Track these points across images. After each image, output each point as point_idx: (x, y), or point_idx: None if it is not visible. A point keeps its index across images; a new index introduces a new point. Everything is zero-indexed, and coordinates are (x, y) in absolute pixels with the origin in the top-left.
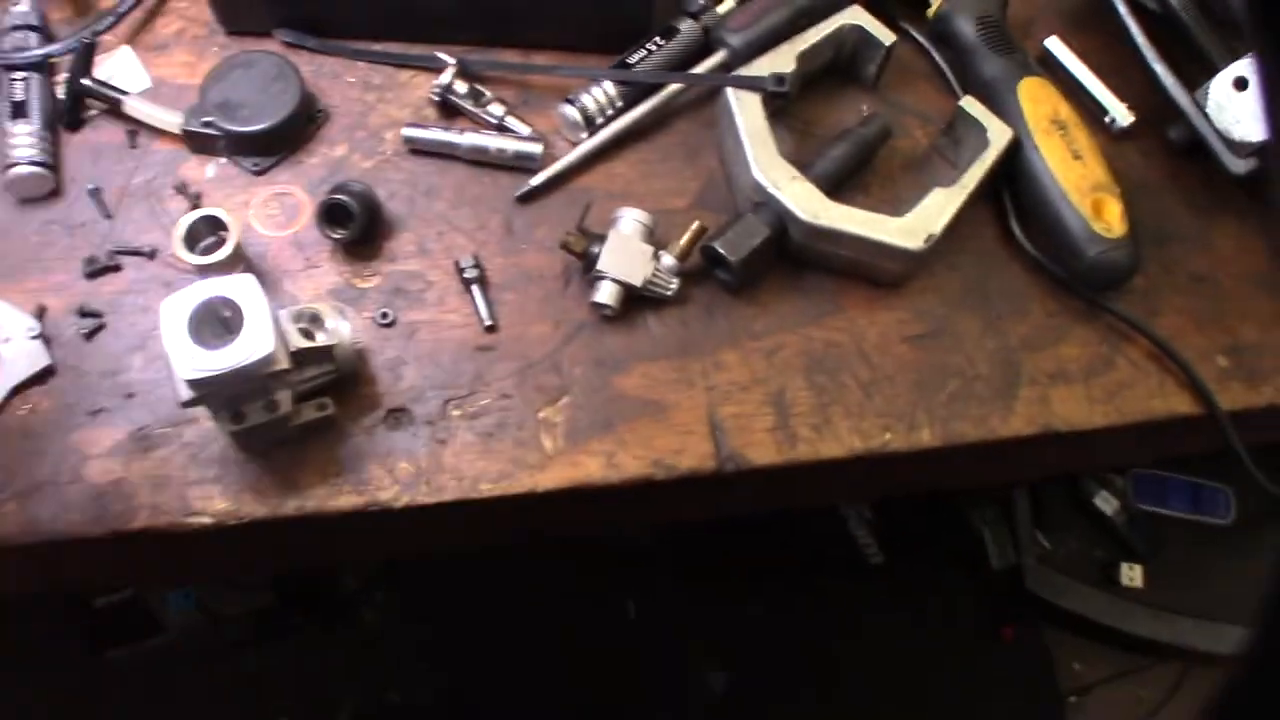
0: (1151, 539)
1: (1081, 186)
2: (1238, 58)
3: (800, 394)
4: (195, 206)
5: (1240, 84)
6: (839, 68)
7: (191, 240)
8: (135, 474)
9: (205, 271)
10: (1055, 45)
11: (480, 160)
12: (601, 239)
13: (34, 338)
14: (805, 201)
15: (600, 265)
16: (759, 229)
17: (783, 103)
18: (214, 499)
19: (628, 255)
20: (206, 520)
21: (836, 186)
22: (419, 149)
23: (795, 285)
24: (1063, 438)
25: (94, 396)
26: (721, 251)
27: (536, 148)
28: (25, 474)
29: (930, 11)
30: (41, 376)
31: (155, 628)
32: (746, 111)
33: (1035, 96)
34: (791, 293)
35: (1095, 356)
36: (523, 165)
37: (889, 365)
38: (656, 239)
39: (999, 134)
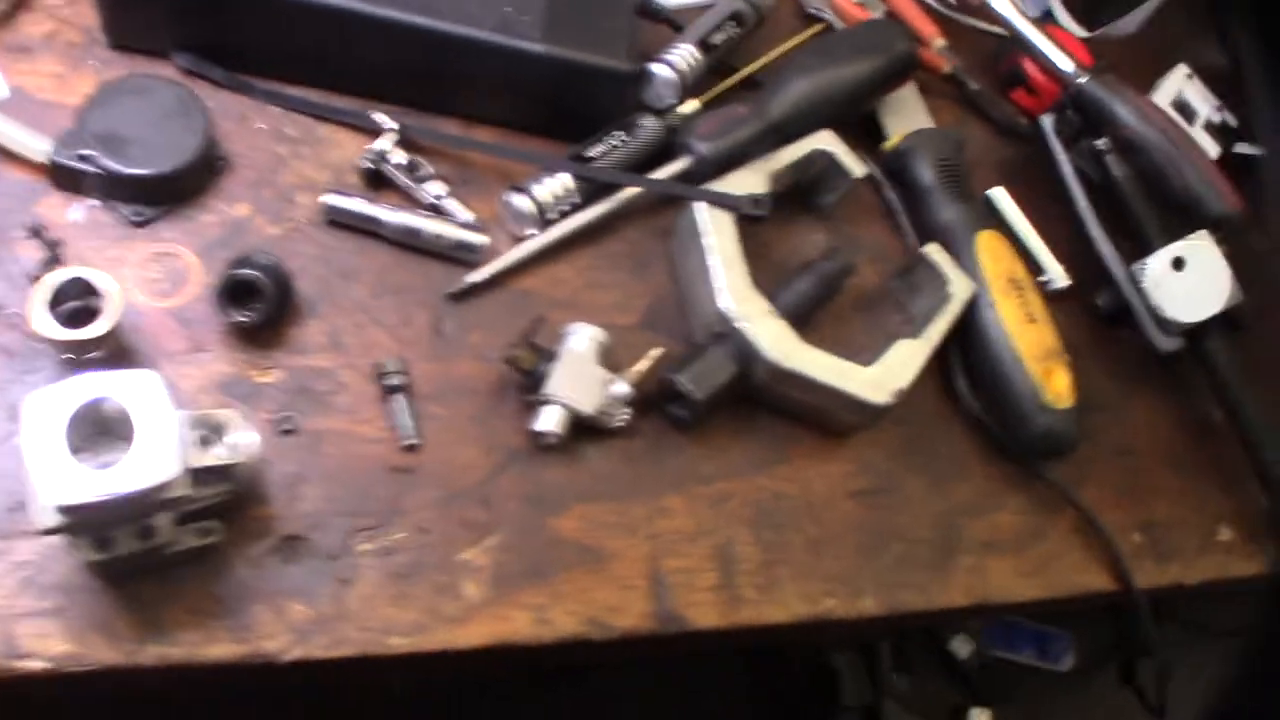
0: (1000, 684)
1: (1035, 352)
2: (1176, 239)
3: (747, 549)
4: (53, 256)
5: (1178, 264)
6: (796, 192)
7: (52, 304)
8: None
9: (68, 347)
10: (999, 196)
11: (408, 244)
12: (552, 356)
13: None
14: (776, 340)
15: (548, 388)
16: (725, 366)
17: (751, 226)
18: (51, 638)
19: (580, 378)
20: (39, 666)
21: (800, 324)
22: (338, 221)
23: (747, 427)
24: (992, 608)
25: None
26: (687, 388)
27: (481, 239)
28: None
29: (888, 144)
30: None
31: None
32: (720, 232)
33: (994, 252)
34: (743, 435)
35: (1028, 526)
36: (459, 256)
37: (835, 523)
38: (610, 361)
39: (962, 288)
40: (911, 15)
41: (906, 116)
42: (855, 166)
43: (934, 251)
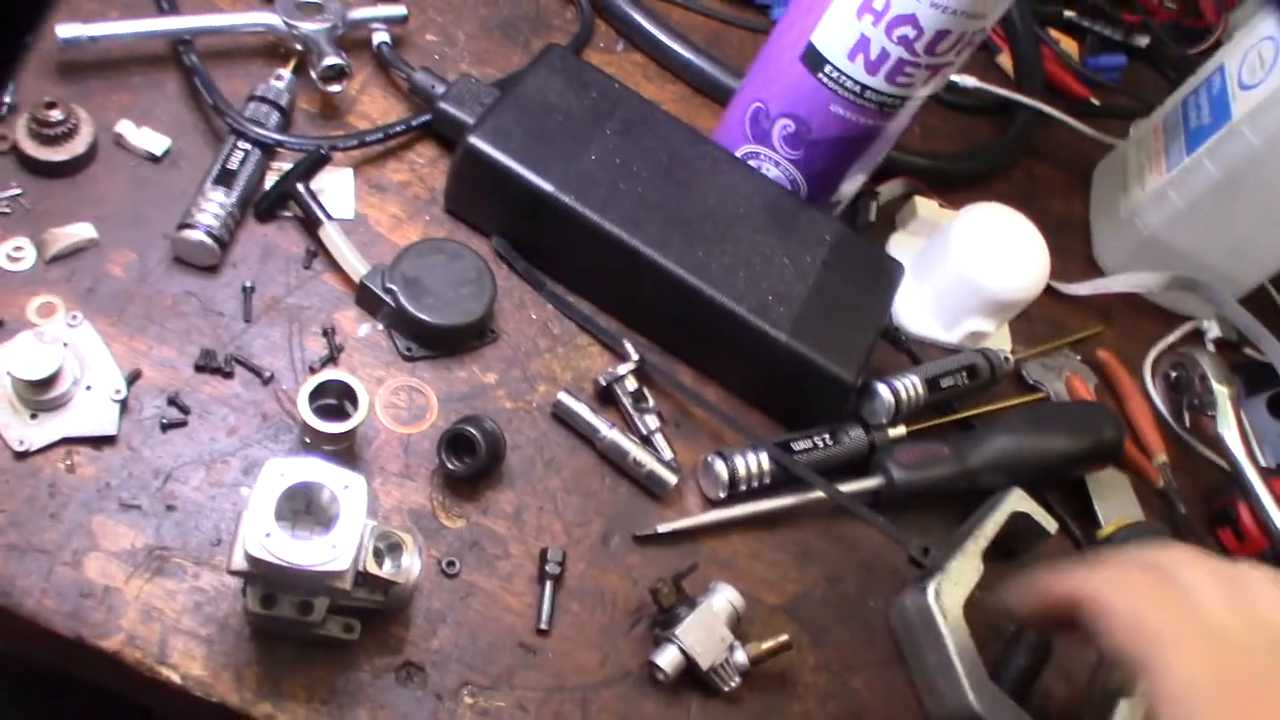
0: None
1: None
2: None
3: None
4: (333, 356)
5: None
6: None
7: (313, 394)
8: (132, 592)
9: (313, 434)
10: None
11: (610, 459)
12: (691, 603)
13: (115, 400)
14: None
15: (678, 630)
16: None
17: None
18: (194, 661)
19: (707, 632)
20: (175, 678)
21: (1023, 701)
22: (562, 417)
23: None
24: None
25: (136, 490)
26: None
27: (672, 478)
28: (28, 529)
29: (1102, 532)
30: (99, 441)
31: None
32: (954, 626)
33: None
34: None
35: None
36: (649, 485)
37: None
38: (739, 628)
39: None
40: (1143, 423)
41: (1119, 504)
42: (1049, 523)
43: None
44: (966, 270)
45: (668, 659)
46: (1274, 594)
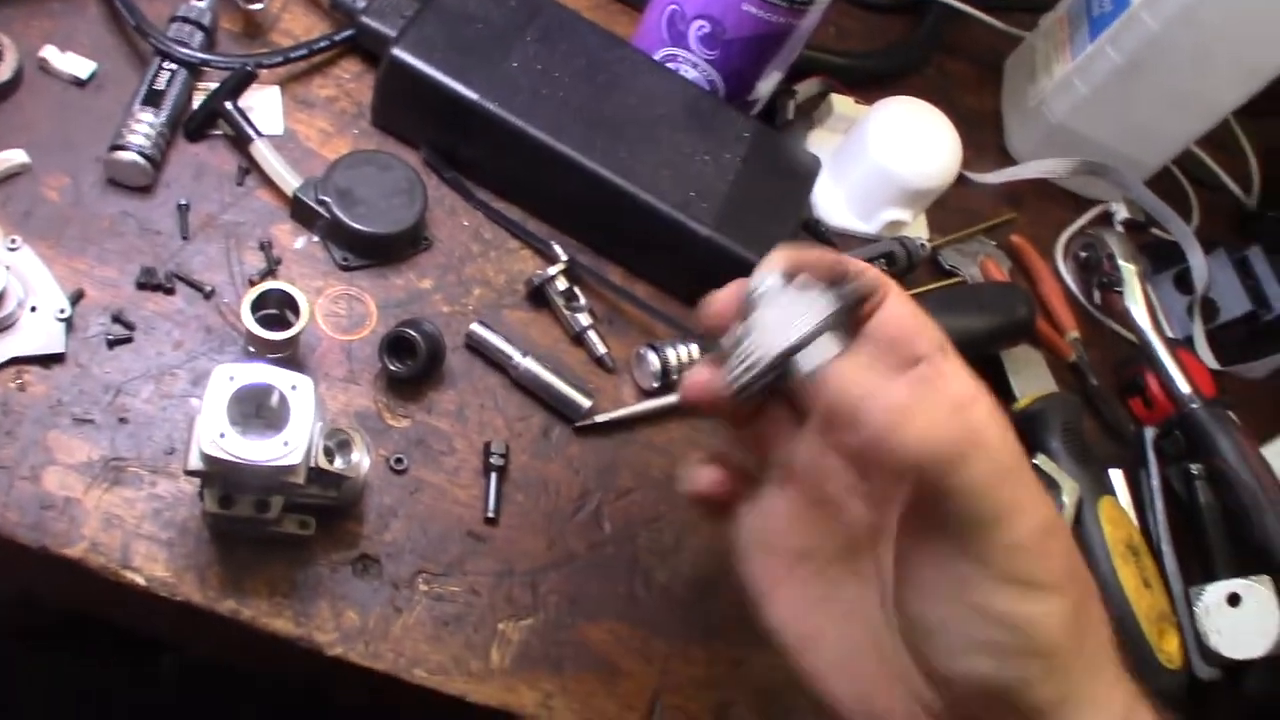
0: None
1: (1150, 615)
2: (1242, 575)
3: (747, 716)
4: (272, 270)
5: (1233, 600)
6: None
7: (255, 304)
8: (91, 501)
9: (257, 343)
10: (1118, 478)
11: (525, 385)
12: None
13: (60, 319)
14: None
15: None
16: None
17: None
18: (157, 564)
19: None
20: (140, 580)
21: None
22: (476, 348)
23: None
24: None
25: (88, 405)
26: None
27: (585, 402)
28: None
29: (1018, 405)
30: (48, 360)
31: None
32: None
33: (1113, 519)
34: None
35: None
36: (564, 410)
37: None
38: None
39: (1071, 490)
40: (1055, 302)
41: (1033, 378)
42: None
43: (1044, 463)
44: (881, 161)
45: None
46: None
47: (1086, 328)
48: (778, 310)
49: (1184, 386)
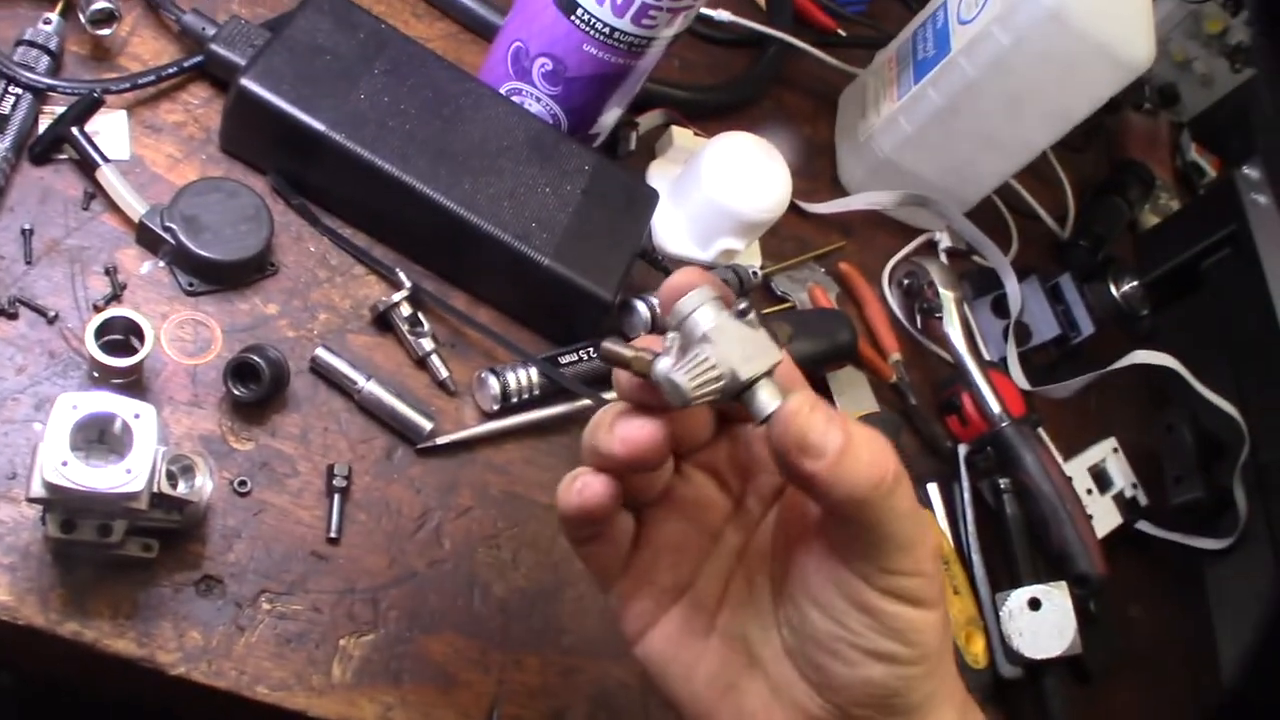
0: None
1: (959, 620)
2: (1042, 582)
3: None
4: (117, 295)
5: (1034, 604)
6: None
7: (99, 330)
8: None
9: (101, 369)
10: (933, 491)
11: (368, 409)
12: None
13: None
14: None
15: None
16: None
17: None
18: None
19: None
20: None
21: None
22: (321, 372)
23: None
24: None
25: None
26: None
27: (426, 425)
28: None
29: None
30: None
31: None
32: None
33: None
34: (608, 614)
35: None
36: (406, 433)
37: None
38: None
39: None
40: (880, 326)
41: (856, 398)
42: None
43: None
44: (715, 194)
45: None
46: None
47: (909, 350)
48: (733, 340)
49: (995, 406)
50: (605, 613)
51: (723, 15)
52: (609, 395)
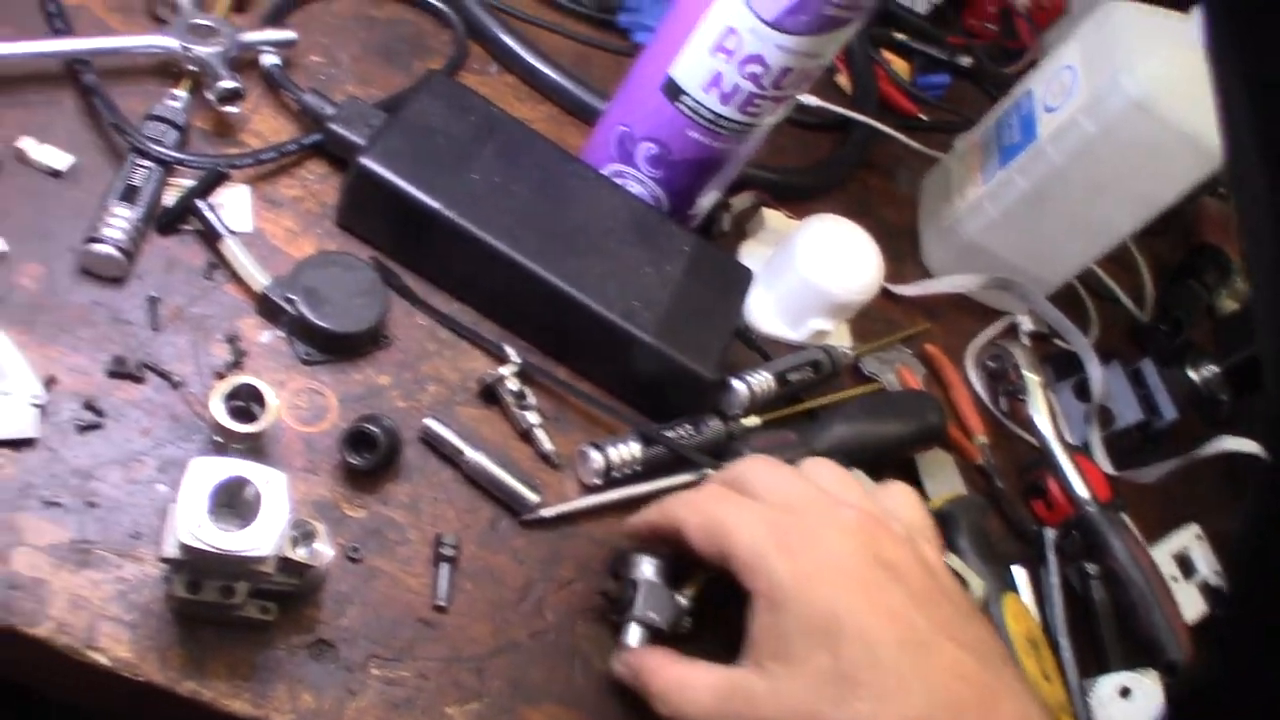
0: None
1: (1049, 705)
2: (1132, 668)
3: None
4: (238, 363)
5: (1125, 693)
6: None
7: (226, 397)
8: (59, 583)
9: (226, 434)
10: (1019, 574)
11: (474, 479)
12: (631, 584)
13: (34, 405)
14: None
15: (635, 610)
16: None
17: None
18: (121, 644)
19: (658, 598)
20: (104, 661)
21: None
22: (430, 442)
23: None
24: None
25: (57, 489)
26: None
27: (532, 497)
28: None
29: (931, 505)
30: (19, 444)
31: None
32: None
33: (1017, 615)
34: None
35: None
36: (512, 504)
37: None
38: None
39: (978, 588)
40: (965, 408)
41: (944, 480)
42: None
43: (953, 561)
44: (809, 275)
45: (636, 638)
46: (830, 472)
47: (993, 432)
48: (654, 593)
49: (1081, 490)
50: None
51: (811, 100)
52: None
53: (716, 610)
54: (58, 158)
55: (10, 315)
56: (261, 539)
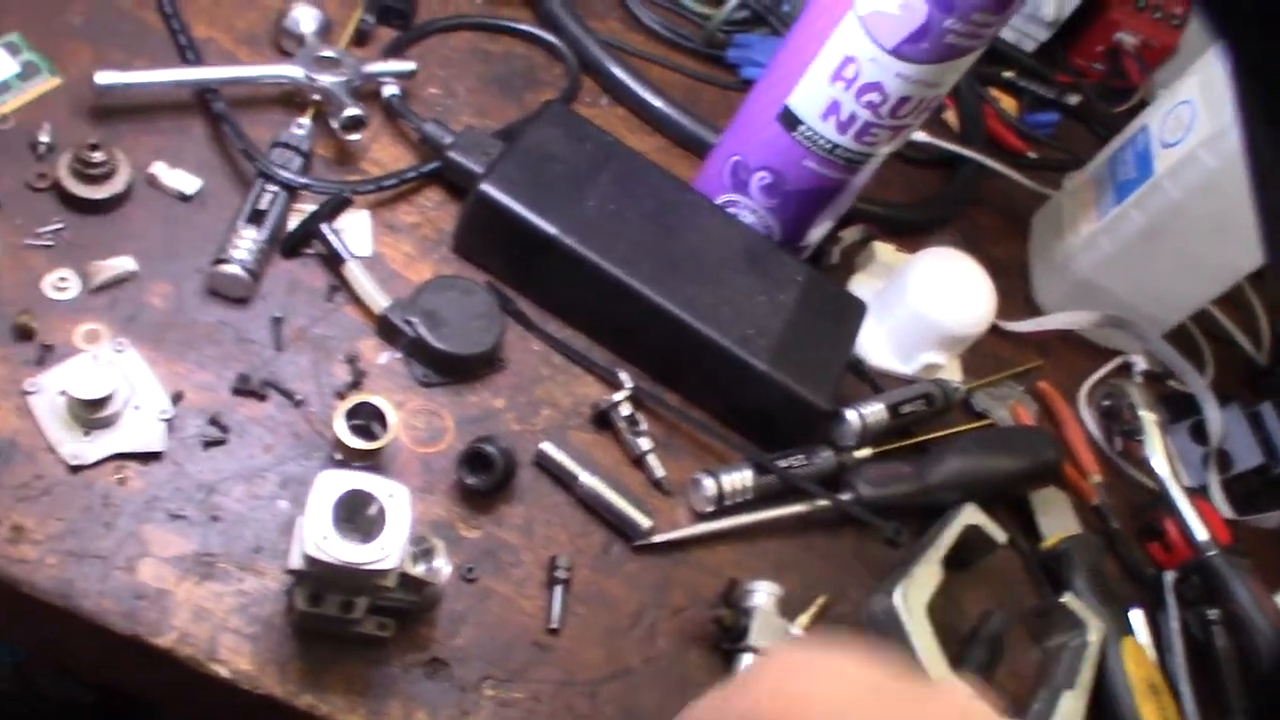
0: None
1: None
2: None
3: None
4: (357, 383)
5: None
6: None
7: (347, 415)
8: (183, 594)
9: (347, 451)
10: (1137, 618)
11: (587, 503)
12: (745, 612)
13: (162, 419)
14: None
15: (750, 639)
16: None
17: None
18: (242, 656)
19: (771, 629)
20: (224, 672)
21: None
22: (544, 465)
23: None
24: None
25: (182, 502)
26: None
27: (645, 522)
28: (85, 537)
29: (1046, 544)
30: (147, 457)
31: None
32: (918, 625)
33: (1136, 659)
34: None
35: None
36: (624, 529)
37: None
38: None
39: (1097, 631)
40: (1079, 447)
41: (1058, 520)
42: (999, 535)
43: (1070, 601)
44: (922, 307)
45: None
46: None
47: (1108, 472)
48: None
49: (1202, 534)
50: None
51: (920, 136)
52: (842, 497)
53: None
54: (187, 182)
55: (140, 332)
56: (384, 553)
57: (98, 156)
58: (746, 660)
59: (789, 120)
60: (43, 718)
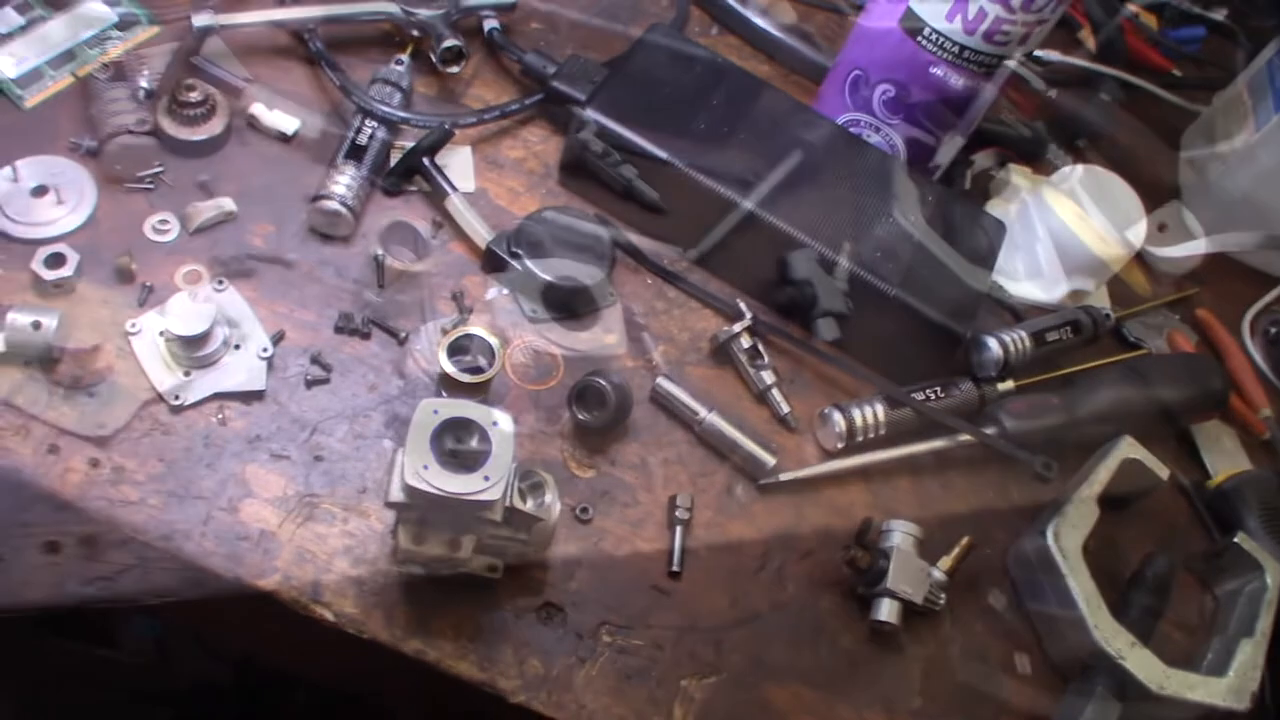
0: None
1: None
2: None
3: None
4: (463, 319)
5: None
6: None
7: (451, 349)
8: (285, 535)
9: (452, 386)
10: None
11: (709, 442)
12: (883, 554)
13: (262, 358)
14: (1149, 670)
15: (887, 583)
16: (1110, 707)
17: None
18: (346, 599)
19: (910, 571)
20: (329, 615)
21: (1146, 639)
22: (661, 402)
23: None
24: None
25: (285, 442)
26: None
27: (769, 460)
28: (185, 478)
29: (1214, 481)
30: (248, 396)
31: (106, 638)
32: (1076, 570)
33: None
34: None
35: None
36: (747, 468)
37: None
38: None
39: (1273, 571)
40: (1245, 379)
41: (1226, 456)
42: (1161, 470)
43: (1244, 540)
44: (1069, 228)
45: (889, 611)
46: None
47: (1277, 406)
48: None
49: None
50: (963, 683)
51: (1052, 55)
52: (985, 431)
53: (970, 585)
54: (286, 122)
55: (240, 273)
56: (488, 483)
57: (195, 96)
58: (885, 606)
59: (912, 24)
60: (181, 698)
